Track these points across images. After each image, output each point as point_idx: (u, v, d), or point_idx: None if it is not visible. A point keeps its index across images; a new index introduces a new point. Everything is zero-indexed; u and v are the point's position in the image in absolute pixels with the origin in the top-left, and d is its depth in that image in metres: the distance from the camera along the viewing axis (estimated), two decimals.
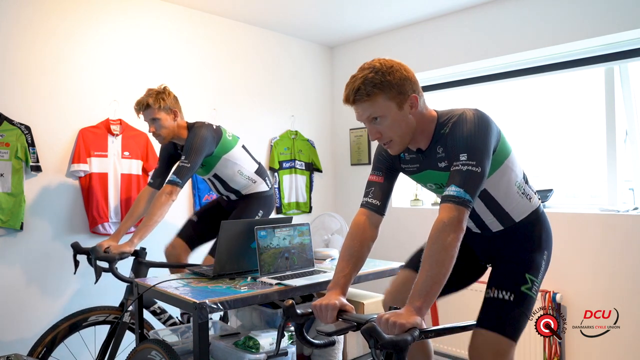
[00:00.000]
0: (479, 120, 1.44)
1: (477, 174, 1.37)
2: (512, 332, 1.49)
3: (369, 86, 1.42)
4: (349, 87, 1.46)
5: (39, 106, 2.65)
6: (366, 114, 1.46)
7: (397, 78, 1.43)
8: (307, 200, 4.05)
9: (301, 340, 1.44)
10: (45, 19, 2.67)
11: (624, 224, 2.70)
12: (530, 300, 1.53)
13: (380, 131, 1.48)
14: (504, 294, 1.53)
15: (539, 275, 1.57)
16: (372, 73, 1.42)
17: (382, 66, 1.44)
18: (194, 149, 2.34)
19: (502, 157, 1.53)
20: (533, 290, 1.54)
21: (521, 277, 1.54)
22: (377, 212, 1.62)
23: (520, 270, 1.56)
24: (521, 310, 1.51)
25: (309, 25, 3.75)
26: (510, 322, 1.50)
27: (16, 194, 2.53)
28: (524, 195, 1.63)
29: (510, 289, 1.53)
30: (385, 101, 1.43)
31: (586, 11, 2.83)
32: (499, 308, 1.53)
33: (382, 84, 1.42)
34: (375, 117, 1.46)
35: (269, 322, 2.24)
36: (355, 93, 1.43)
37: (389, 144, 1.51)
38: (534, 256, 1.59)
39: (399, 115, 1.45)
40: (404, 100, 1.45)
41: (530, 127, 3.40)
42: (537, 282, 1.56)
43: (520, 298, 1.52)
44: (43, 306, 2.64)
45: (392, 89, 1.43)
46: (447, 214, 1.35)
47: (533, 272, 1.56)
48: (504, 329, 1.49)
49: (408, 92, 1.45)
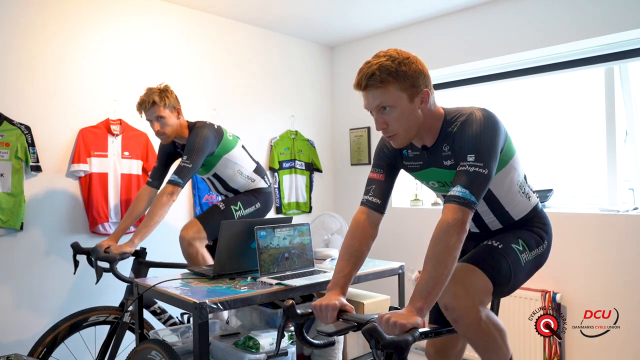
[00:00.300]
0: (488, 121, 1.43)
1: (483, 176, 1.37)
2: (490, 269, 1.48)
3: (384, 73, 1.39)
4: (363, 72, 1.42)
5: (39, 106, 2.65)
6: (376, 102, 1.43)
7: (413, 70, 1.41)
8: (307, 200, 4.05)
9: (301, 341, 1.44)
10: (46, 20, 2.67)
11: (624, 224, 2.70)
12: (516, 257, 1.53)
13: (387, 122, 1.45)
14: (493, 242, 1.56)
15: (532, 251, 1.58)
16: (388, 61, 1.40)
17: (399, 55, 1.41)
18: (195, 149, 2.34)
19: (508, 157, 1.53)
20: (522, 256, 1.54)
21: (514, 238, 1.57)
22: (377, 210, 1.61)
23: (514, 233, 1.60)
24: (506, 258, 1.51)
25: (309, 25, 3.75)
26: (491, 260, 1.50)
27: (16, 194, 2.53)
28: (524, 195, 1.63)
29: (501, 240, 1.56)
30: (397, 91, 1.40)
31: (586, 11, 2.83)
32: (484, 249, 1.55)
33: (397, 73, 1.39)
34: (384, 107, 1.43)
35: (269, 322, 2.24)
36: (369, 78, 1.40)
37: (393, 137, 1.49)
38: (530, 233, 1.62)
39: (409, 108, 1.43)
40: (415, 93, 1.43)
41: (530, 127, 3.40)
42: (528, 252, 1.56)
43: (507, 249, 1.53)
44: (43, 306, 2.64)
45: (406, 80, 1.40)
46: (452, 214, 1.34)
47: (526, 242, 1.58)
48: (483, 262, 1.49)
49: (421, 86, 1.43)
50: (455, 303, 1.40)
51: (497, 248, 1.53)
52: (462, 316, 1.40)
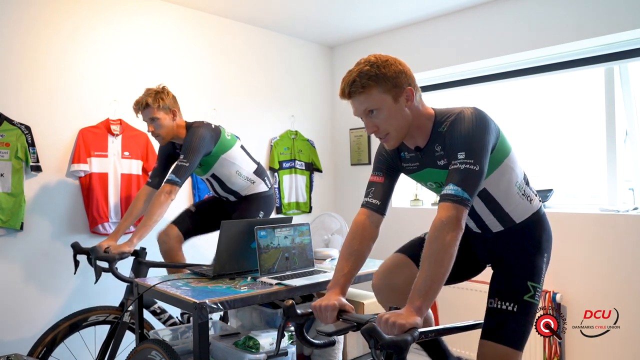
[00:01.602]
0: (477, 119, 1.45)
1: (475, 173, 1.37)
2: (518, 342, 1.50)
3: (364, 79, 1.43)
4: (345, 80, 1.47)
5: (39, 106, 2.65)
6: (362, 107, 1.47)
7: (392, 71, 1.45)
8: (307, 200, 4.05)
9: (301, 340, 1.44)
10: (46, 20, 2.67)
11: (624, 224, 2.70)
12: (533, 307, 1.53)
13: (376, 124, 1.49)
14: (507, 305, 1.53)
15: (541, 280, 1.57)
16: (367, 66, 1.44)
17: (377, 60, 1.46)
18: (192, 148, 2.35)
19: (502, 156, 1.53)
20: (536, 297, 1.54)
21: (523, 286, 1.54)
22: (377, 211, 1.63)
23: (522, 277, 1.55)
24: (525, 319, 1.52)
25: (308, 25, 3.75)
26: (516, 332, 1.50)
27: (16, 194, 2.53)
28: (525, 197, 1.62)
29: (514, 299, 1.52)
30: (380, 94, 1.44)
31: (586, 11, 2.83)
32: (504, 319, 1.52)
33: (377, 77, 1.43)
34: (371, 110, 1.47)
35: (269, 322, 2.25)
36: (351, 86, 1.45)
37: (386, 137, 1.52)
38: (535, 261, 1.58)
39: (395, 108, 1.47)
40: (399, 93, 1.46)
41: (530, 127, 3.39)
42: (539, 287, 1.55)
43: (523, 307, 1.51)
44: (43, 306, 2.64)
45: (387, 82, 1.44)
46: (446, 212, 1.35)
47: (535, 279, 1.55)
48: (510, 340, 1.49)
49: (403, 85, 1.46)
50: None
51: (512, 313, 1.51)
52: None
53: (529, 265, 1.57)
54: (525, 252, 1.60)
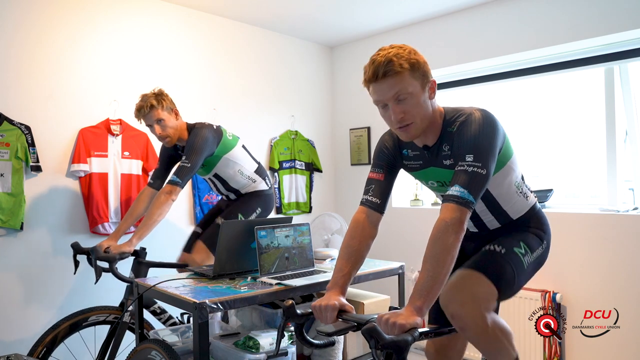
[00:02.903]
0: (487, 122, 1.44)
1: (482, 176, 1.37)
2: (494, 275, 1.47)
3: (400, 59, 1.39)
4: (377, 62, 1.40)
5: (39, 106, 2.65)
6: (393, 91, 1.40)
7: (422, 60, 1.44)
8: (307, 200, 4.05)
9: (301, 341, 1.44)
10: (46, 20, 2.67)
11: (624, 224, 2.70)
12: (519, 261, 1.53)
13: (404, 111, 1.43)
14: (496, 247, 1.55)
15: (533, 252, 1.58)
16: (400, 50, 1.42)
17: (407, 47, 1.44)
18: (195, 150, 2.35)
19: (506, 158, 1.54)
20: (525, 258, 1.54)
21: (516, 242, 1.57)
22: (376, 210, 1.62)
23: (515, 237, 1.58)
24: (509, 263, 1.51)
25: (309, 25, 3.75)
26: (496, 267, 1.50)
27: (16, 194, 2.53)
28: (522, 194, 1.64)
29: (503, 245, 1.55)
30: (412, 80, 1.41)
31: (586, 11, 2.83)
32: (487, 255, 1.54)
33: (411, 61, 1.41)
34: (399, 97, 1.41)
35: (269, 322, 2.25)
36: (386, 65, 1.38)
37: (409, 126, 1.46)
38: (530, 234, 1.61)
39: (423, 97, 1.45)
40: (426, 83, 1.45)
41: (530, 127, 3.40)
42: (529, 254, 1.56)
43: (510, 254, 1.53)
44: (43, 306, 2.64)
45: (419, 69, 1.42)
46: (450, 214, 1.34)
47: (527, 242, 1.57)
48: (487, 269, 1.48)
49: (429, 77, 1.46)
50: (463, 311, 1.40)
51: (499, 253, 1.53)
52: (470, 324, 1.40)
53: (524, 233, 1.61)
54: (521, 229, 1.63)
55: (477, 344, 1.48)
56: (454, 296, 1.40)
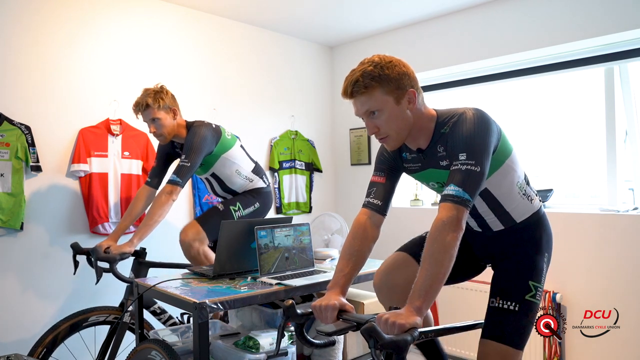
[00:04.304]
0: (479, 120, 1.45)
1: (476, 174, 1.38)
2: (518, 341, 1.50)
3: (367, 79, 1.43)
4: (348, 80, 1.47)
5: (39, 106, 2.65)
6: (364, 108, 1.47)
7: (396, 72, 1.44)
8: (307, 200, 4.05)
9: (301, 340, 1.44)
10: (46, 20, 2.67)
11: (624, 224, 2.70)
12: (534, 307, 1.53)
13: (377, 125, 1.49)
14: (509, 305, 1.53)
15: (542, 280, 1.57)
16: (370, 67, 1.44)
17: (380, 60, 1.45)
18: (194, 148, 2.34)
19: (503, 156, 1.53)
20: (537, 297, 1.54)
21: (525, 286, 1.54)
22: (378, 212, 1.62)
23: (523, 277, 1.55)
24: (527, 319, 1.52)
25: (309, 25, 3.75)
26: (517, 332, 1.50)
27: (16, 194, 2.53)
28: (525, 196, 1.63)
29: (515, 299, 1.52)
30: (383, 95, 1.44)
31: (586, 11, 2.83)
32: (505, 318, 1.52)
33: (380, 77, 1.43)
34: (373, 112, 1.46)
35: (269, 322, 2.25)
36: (353, 85, 1.45)
37: (386, 139, 1.52)
38: (536, 261, 1.58)
39: (396, 110, 1.46)
40: (401, 95, 1.46)
41: (530, 127, 3.40)
42: (540, 287, 1.55)
43: (525, 307, 1.52)
44: (43, 306, 2.64)
45: (390, 83, 1.44)
46: (447, 213, 1.35)
47: (536, 278, 1.55)
48: (511, 339, 1.49)
49: (406, 87, 1.46)
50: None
51: (515, 312, 1.51)
52: None
53: (530, 264, 1.57)
54: (526, 252, 1.60)
55: None
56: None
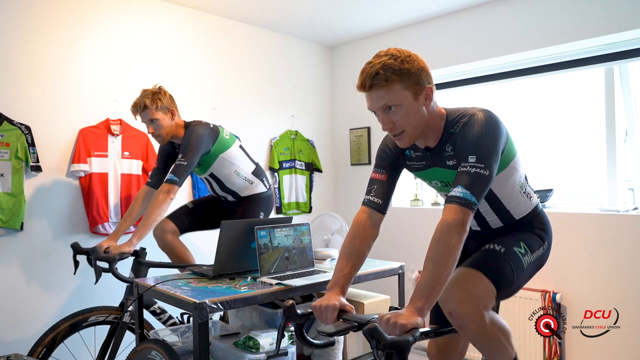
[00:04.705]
0: (490, 123, 1.43)
1: (484, 177, 1.37)
2: (493, 274, 1.47)
3: (388, 72, 1.38)
4: (366, 72, 1.41)
5: (39, 106, 2.65)
6: (381, 102, 1.41)
7: (415, 67, 1.41)
8: (307, 200, 4.05)
9: (301, 341, 1.44)
10: (46, 20, 2.67)
11: (624, 224, 2.70)
12: (519, 261, 1.53)
13: (394, 121, 1.44)
14: (496, 246, 1.55)
15: (534, 252, 1.58)
16: (391, 59, 1.39)
17: (400, 54, 1.41)
18: (190, 147, 2.34)
19: (509, 158, 1.53)
20: (524, 258, 1.54)
21: (516, 241, 1.56)
22: (378, 210, 1.61)
23: (516, 237, 1.58)
24: (508, 262, 1.51)
25: (309, 25, 3.75)
26: (496, 267, 1.49)
27: (16, 194, 2.53)
28: (525, 195, 1.64)
29: (503, 244, 1.55)
30: (402, 90, 1.40)
31: (586, 11, 2.83)
32: (488, 254, 1.54)
33: (401, 71, 1.38)
34: (390, 107, 1.42)
35: (269, 322, 2.24)
36: (373, 78, 1.38)
37: (401, 135, 1.47)
38: (531, 235, 1.61)
39: (414, 105, 1.43)
40: (419, 90, 1.42)
41: (530, 127, 3.40)
42: (529, 254, 1.56)
43: (510, 253, 1.52)
44: (43, 306, 2.64)
45: (410, 78, 1.40)
46: (452, 215, 1.34)
47: (527, 242, 1.57)
48: (486, 268, 1.48)
49: (424, 83, 1.43)
50: (461, 310, 1.40)
51: (499, 252, 1.53)
52: (468, 322, 1.40)
53: (525, 233, 1.61)
54: (522, 229, 1.63)
55: (475, 342, 1.48)
56: (453, 294, 1.40)
